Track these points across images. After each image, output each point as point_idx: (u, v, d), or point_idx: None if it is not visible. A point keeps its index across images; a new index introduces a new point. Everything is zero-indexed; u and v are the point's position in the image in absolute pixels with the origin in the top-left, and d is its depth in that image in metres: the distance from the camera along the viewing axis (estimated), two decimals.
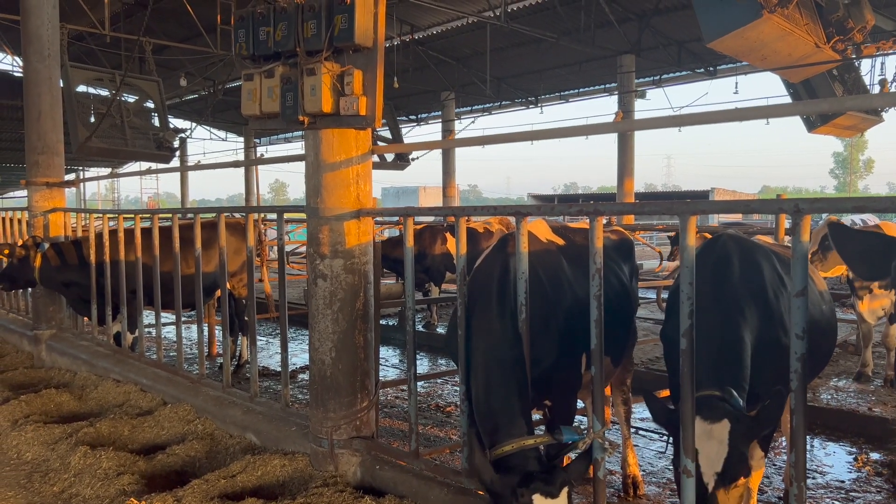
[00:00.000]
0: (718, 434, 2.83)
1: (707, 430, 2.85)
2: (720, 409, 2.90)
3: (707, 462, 2.83)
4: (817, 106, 2.63)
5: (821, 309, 3.77)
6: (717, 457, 2.81)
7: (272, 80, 4.35)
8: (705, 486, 2.83)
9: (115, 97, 11.08)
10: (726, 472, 2.80)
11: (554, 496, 2.87)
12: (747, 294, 3.34)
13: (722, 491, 2.80)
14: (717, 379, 3.07)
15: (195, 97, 29.89)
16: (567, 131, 3.98)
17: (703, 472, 2.83)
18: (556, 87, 26.72)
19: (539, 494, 2.84)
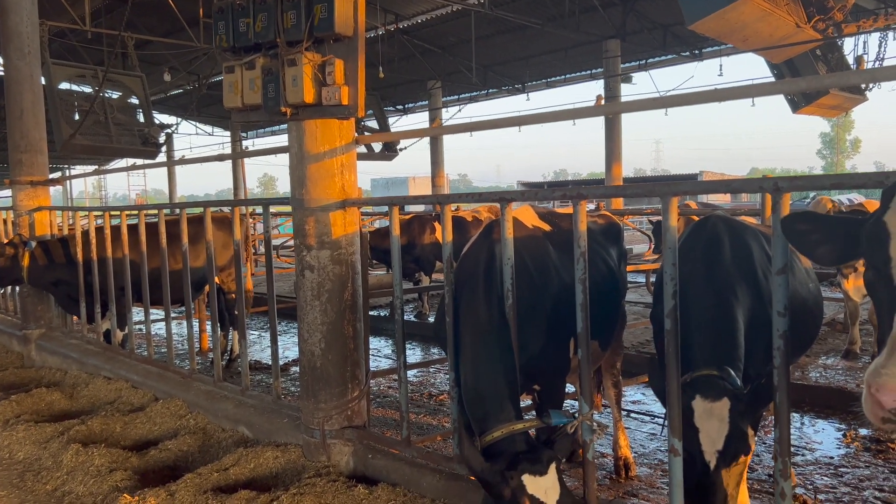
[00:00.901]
0: (719, 412, 2.83)
1: (708, 409, 2.85)
2: (720, 387, 2.91)
3: (708, 440, 2.83)
4: (796, 84, 2.65)
5: (807, 287, 3.79)
6: (719, 435, 2.82)
7: (253, 72, 4.33)
8: (707, 464, 2.83)
9: (99, 94, 10.99)
10: (727, 450, 2.81)
11: (542, 473, 2.89)
12: (738, 274, 3.35)
13: (724, 469, 2.81)
14: (714, 358, 3.07)
15: (180, 92, 29.67)
16: (553, 116, 3.99)
17: (704, 451, 2.83)
18: (542, 73, 26.70)
19: (527, 474, 2.87)
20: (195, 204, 6.27)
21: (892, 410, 1.74)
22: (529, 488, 2.86)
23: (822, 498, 4.55)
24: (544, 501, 2.87)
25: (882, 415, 1.75)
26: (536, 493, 2.86)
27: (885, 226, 1.98)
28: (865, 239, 2.03)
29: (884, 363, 1.78)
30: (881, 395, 1.74)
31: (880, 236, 1.98)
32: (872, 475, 4.90)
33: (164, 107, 31.18)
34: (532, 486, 2.86)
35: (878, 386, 1.75)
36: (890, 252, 1.95)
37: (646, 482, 4.83)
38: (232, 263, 7.81)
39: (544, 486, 2.88)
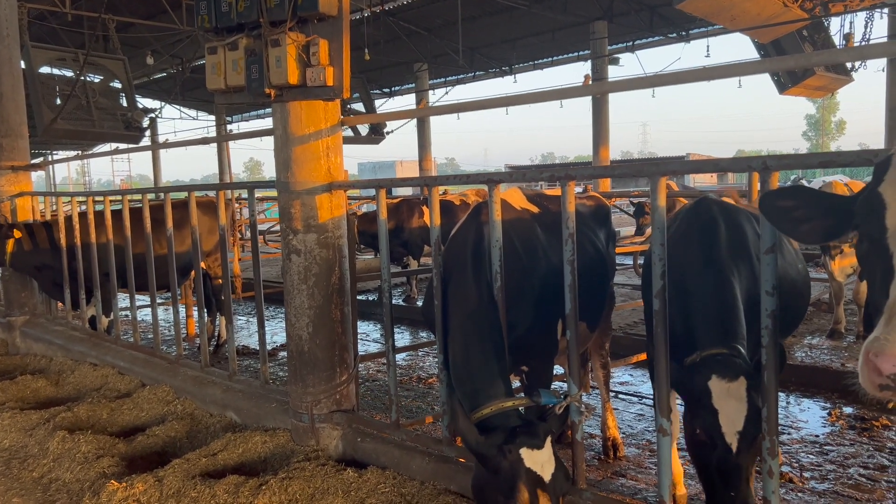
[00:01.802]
0: (737, 392, 2.77)
1: (726, 389, 2.78)
2: (736, 366, 2.85)
3: (728, 422, 2.77)
4: (784, 62, 2.63)
5: (796, 268, 3.78)
6: (738, 415, 2.76)
7: (236, 53, 4.25)
8: (728, 446, 2.76)
9: (80, 77, 10.82)
10: (747, 431, 2.76)
11: (539, 447, 2.88)
12: (735, 256, 3.32)
13: (745, 451, 2.76)
14: (722, 337, 3.01)
15: (163, 75, 29.28)
16: (541, 96, 3.95)
17: (725, 433, 2.76)
18: (529, 55, 26.56)
19: (525, 448, 2.85)
20: (180, 188, 6.20)
21: (890, 376, 1.72)
22: (527, 462, 2.85)
23: (807, 476, 4.59)
24: (541, 475, 2.85)
25: (879, 381, 1.74)
26: (533, 467, 2.84)
27: (880, 196, 1.98)
28: (860, 210, 2.04)
29: (882, 330, 1.77)
30: (880, 361, 1.72)
31: (875, 207, 1.98)
32: (857, 453, 4.96)
33: (148, 91, 30.76)
34: (529, 460, 2.85)
35: (877, 351, 1.73)
36: (886, 222, 1.95)
37: (634, 462, 4.86)
38: (218, 248, 7.74)
39: (541, 461, 2.87)
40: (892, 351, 1.72)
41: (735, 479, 2.77)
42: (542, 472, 2.86)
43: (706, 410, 2.80)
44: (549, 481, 2.87)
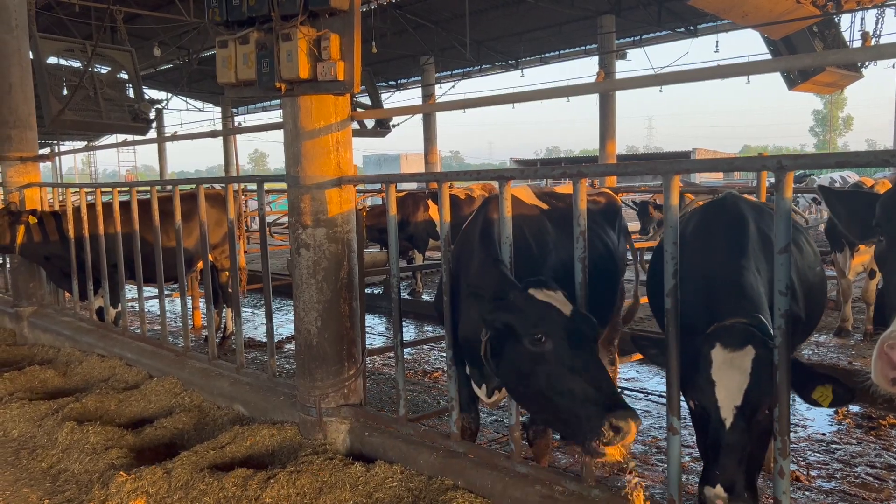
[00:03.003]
0: (740, 363, 2.62)
1: (728, 360, 2.63)
2: (745, 334, 2.69)
3: (725, 395, 2.61)
4: (800, 61, 2.60)
5: (815, 271, 3.68)
6: (738, 388, 2.60)
7: (247, 47, 4.24)
8: (722, 421, 2.61)
9: (88, 68, 10.81)
10: (746, 405, 2.59)
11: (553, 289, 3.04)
12: (760, 250, 3.23)
13: (741, 427, 2.59)
14: (743, 308, 2.88)
15: (170, 67, 29.28)
16: (549, 93, 3.94)
17: (720, 407, 2.61)
18: (536, 49, 26.48)
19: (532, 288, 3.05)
20: (188, 181, 6.20)
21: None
22: (538, 296, 3.00)
23: (814, 474, 4.59)
24: None
25: (893, 375, 1.75)
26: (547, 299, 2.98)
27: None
28: (880, 210, 2.05)
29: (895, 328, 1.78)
30: (894, 354, 1.73)
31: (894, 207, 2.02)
32: (864, 451, 4.95)
33: (154, 82, 30.78)
34: (540, 295, 3.01)
35: (893, 343, 1.74)
36: None
37: (641, 459, 4.87)
38: (225, 241, 7.75)
39: (557, 298, 3.01)
40: None
41: (725, 458, 2.59)
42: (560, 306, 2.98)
43: (704, 380, 2.68)
44: None
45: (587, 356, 2.88)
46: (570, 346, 2.87)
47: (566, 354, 2.85)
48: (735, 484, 2.56)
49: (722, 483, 2.56)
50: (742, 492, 2.56)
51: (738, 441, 2.59)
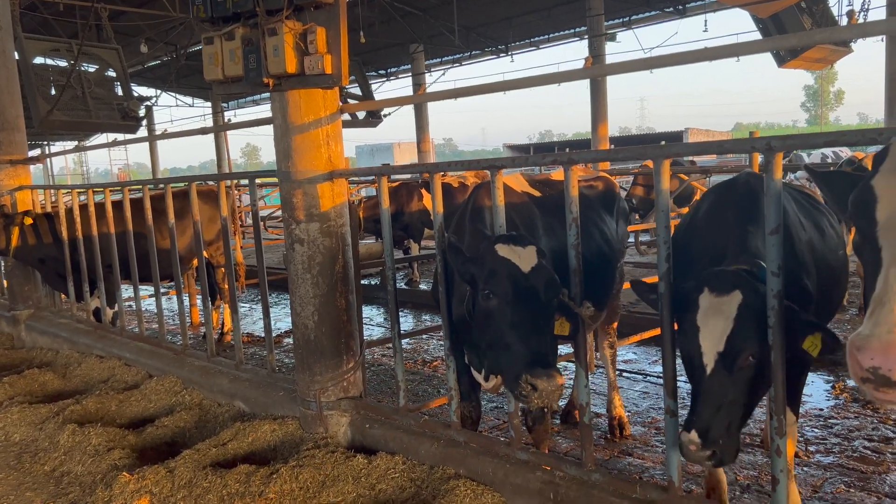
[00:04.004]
0: (726, 308, 2.56)
1: (714, 305, 2.58)
2: (734, 279, 2.62)
3: (709, 340, 2.56)
4: (787, 41, 2.60)
5: (837, 255, 3.56)
6: (721, 334, 2.54)
7: (233, 43, 4.22)
8: (703, 367, 2.56)
9: (75, 67, 10.74)
10: (728, 351, 2.53)
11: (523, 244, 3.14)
12: None
13: (722, 374, 2.53)
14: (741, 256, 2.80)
15: (158, 63, 29.08)
16: (540, 79, 3.93)
17: (703, 353, 2.56)
18: (525, 34, 26.35)
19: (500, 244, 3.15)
20: (180, 179, 6.18)
21: (869, 370, 1.77)
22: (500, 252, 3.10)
23: (812, 449, 4.63)
24: None
25: (861, 374, 1.79)
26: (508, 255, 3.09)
27: (872, 189, 1.99)
28: (853, 204, 2.04)
29: (866, 325, 1.81)
30: (860, 355, 1.78)
31: (868, 200, 1.99)
32: (861, 425, 4.99)
33: (143, 79, 30.57)
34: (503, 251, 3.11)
35: (859, 345, 1.79)
36: (876, 215, 1.96)
37: (640, 440, 4.90)
38: (219, 237, 7.75)
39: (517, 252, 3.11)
40: (871, 345, 1.76)
41: (702, 404, 2.56)
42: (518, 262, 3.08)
43: (689, 325, 2.64)
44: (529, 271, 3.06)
45: (530, 313, 3.01)
46: (513, 303, 3.02)
47: (507, 311, 3.02)
48: (710, 430, 2.51)
49: (697, 429, 2.52)
50: (717, 438, 2.50)
51: (718, 388, 2.54)
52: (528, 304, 3.03)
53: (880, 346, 1.74)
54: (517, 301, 3.03)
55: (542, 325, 3.05)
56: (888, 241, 1.91)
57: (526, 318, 3.01)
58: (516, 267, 3.07)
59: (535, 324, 3.02)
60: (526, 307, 3.03)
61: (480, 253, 3.22)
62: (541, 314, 3.06)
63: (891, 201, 1.94)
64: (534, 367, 2.88)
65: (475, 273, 3.19)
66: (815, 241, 3.30)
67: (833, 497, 3.99)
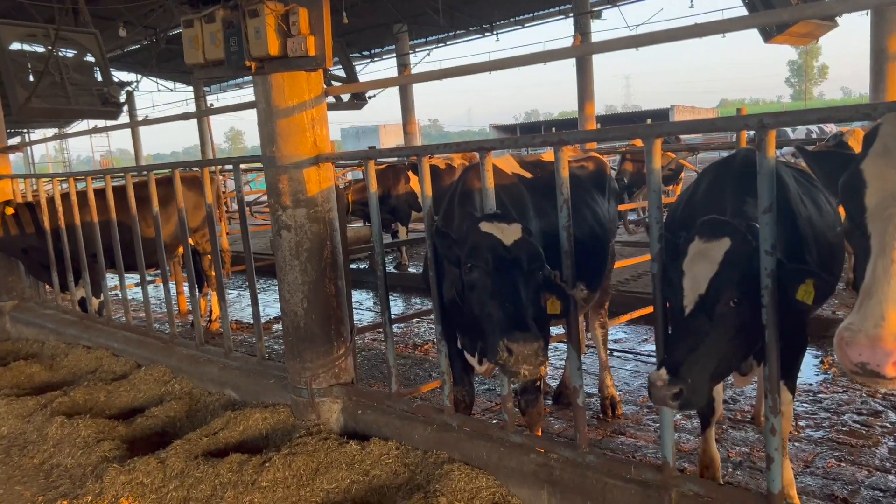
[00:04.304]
0: (712, 253, 2.52)
1: (701, 250, 2.55)
2: (725, 227, 2.58)
3: (691, 283, 2.53)
4: (778, 16, 2.57)
5: (835, 231, 3.52)
6: (704, 277, 2.50)
7: (213, 25, 4.13)
8: (683, 309, 2.53)
9: (52, 53, 10.53)
10: (709, 294, 2.49)
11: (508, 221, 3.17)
12: None
13: (700, 316, 2.49)
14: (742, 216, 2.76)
15: (137, 47, 28.56)
16: (526, 59, 3.87)
17: (685, 296, 2.53)
18: (510, 12, 26.10)
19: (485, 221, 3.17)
20: (163, 166, 6.08)
21: (857, 364, 1.75)
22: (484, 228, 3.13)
23: (802, 424, 4.66)
24: None
25: (850, 367, 1.78)
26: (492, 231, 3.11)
27: (861, 174, 1.95)
28: (842, 188, 2.00)
29: (854, 317, 1.78)
30: (848, 350, 1.76)
31: (856, 185, 1.95)
32: (850, 399, 5.03)
33: (122, 63, 30.06)
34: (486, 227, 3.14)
35: (847, 340, 1.76)
36: (865, 201, 1.92)
37: (632, 420, 4.91)
38: (205, 224, 7.66)
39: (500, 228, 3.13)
40: (859, 341, 1.74)
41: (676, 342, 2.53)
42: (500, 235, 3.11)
43: (675, 272, 2.60)
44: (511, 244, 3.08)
45: (511, 283, 3.03)
46: (494, 273, 3.04)
47: (488, 281, 3.05)
48: (680, 368, 2.42)
49: (667, 365, 2.45)
50: (686, 376, 2.41)
51: (694, 328, 2.49)
52: (508, 275, 3.05)
53: (868, 342, 1.72)
54: (497, 271, 3.05)
55: (523, 294, 3.04)
56: (877, 229, 1.87)
57: (506, 288, 3.02)
58: (498, 240, 3.09)
59: (516, 293, 3.02)
60: (506, 277, 3.05)
61: (465, 232, 3.23)
62: (522, 284, 3.06)
63: (880, 187, 1.89)
64: (511, 331, 2.89)
65: (459, 252, 3.22)
66: (814, 218, 3.27)
67: (824, 471, 4.02)
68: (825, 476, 3.96)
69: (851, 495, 3.72)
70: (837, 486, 3.83)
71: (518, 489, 3.46)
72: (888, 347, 1.69)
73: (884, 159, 1.90)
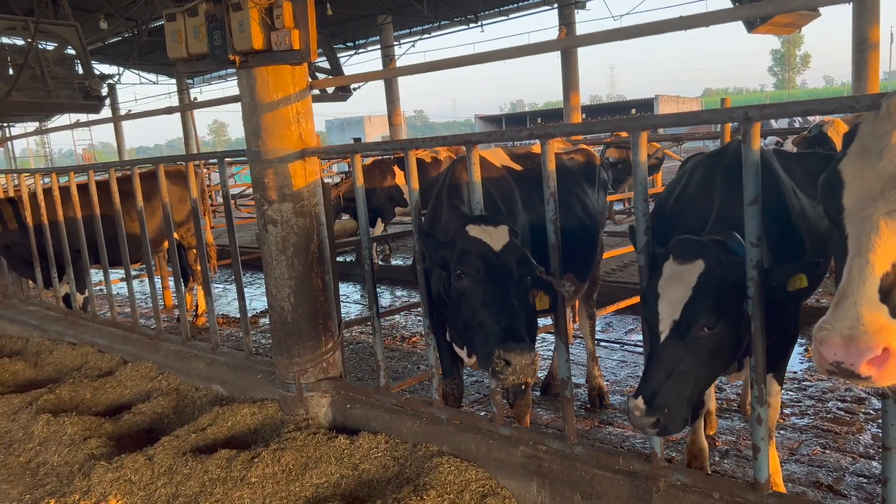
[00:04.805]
0: (687, 276, 2.49)
1: (676, 272, 2.52)
2: (699, 248, 2.54)
3: (666, 308, 2.50)
4: (762, 8, 2.59)
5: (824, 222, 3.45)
6: (679, 301, 2.47)
7: (196, 19, 4.09)
8: (658, 335, 2.50)
9: (32, 46, 10.39)
10: (684, 319, 2.44)
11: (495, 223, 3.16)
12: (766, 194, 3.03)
13: (675, 342, 2.45)
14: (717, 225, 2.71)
15: (119, 40, 28.23)
16: (512, 52, 3.86)
17: (660, 320, 2.50)
18: (495, 3, 26.03)
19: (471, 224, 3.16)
20: (147, 160, 6.03)
21: (833, 363, 1.76)
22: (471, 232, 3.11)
23: (787, 412, 4.71)
24: None
25: (826, 367, 1.78)
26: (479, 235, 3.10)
27: (839, 174, 1.94)
28: (821, 188, 1.99)
29: (829, 316, 1.79)
30: (823, 350, 1.76)
31: (835, 185, 1.94)
32: (834, 387, 5.08)
33: (104, 56, 29.70)
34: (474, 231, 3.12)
35: (822, 339, 1.77)
36: (843, 201, 1.91)
37: (620, 410, 4.94)
38: (190, 218, 7.61)
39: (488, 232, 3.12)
40: (833, 340, 1.74)
41: (652, 370, 2.49)
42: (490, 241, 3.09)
43: (650, 292, 2.59)
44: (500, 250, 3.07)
45: (503, 291, 3.02)
46: (486, 282, 3.03)
47: (480, 289, 3.03)
48: (656, 397, 2.42)
49: (643, 394, 2.44)
50: (662, 406, 2.42)
51: (669, 356, 2.47)
52: (500, 282, 3.03)
53: (842, 342, 1.73)
54: (489, 279, 3.03)
55: (515, 302, 3.03)
56: (853, 229, 1.87)
57: (498, 297, 3.00)
58: (487, 246, 3.07)
59: (508, 302, 3.01)
60: (498, 285, 3.03)
61: (452, 236, 3.21)
62: (514, 292, 3.05)
63: (857, 187, 1.88)
64: (507, 342, 2.88)
65: (447, 256, 3.18)
66: (806, 209, 3.29)
67: (809, 459, 4.07)
68: (810, 463, 4.01)
69: (836, 482, 3.77)
70: (822, 473, 3.88)
71: (507, 481, 3.48)
72: (862, 346, 1.70)
73: (862, 159, 1.89)
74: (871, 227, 1.80)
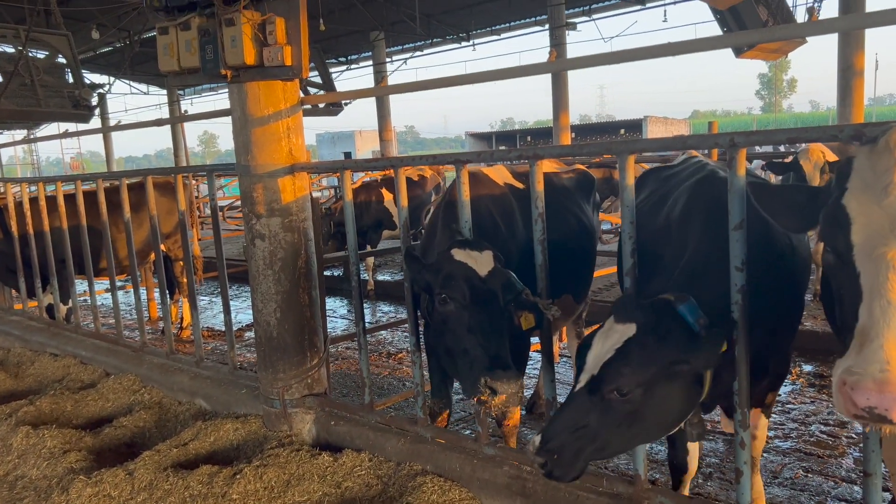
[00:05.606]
0: (615, 337, 2.43)
1: (608, 329, 2.48)
2: (634, 311, 2.48)
3: (590, 359, 2.45)
4: (749, 37, 2.63)
5: (803, 242, 3.47)
6: (600, 359, 2.41)
7: (189, 33, 4.10)
8: (576, 383, 2.46)
9: (22, 54, 10.36)
10: (601, 378, 2.38)
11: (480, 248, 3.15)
12: None
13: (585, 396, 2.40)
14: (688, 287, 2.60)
15: (110, 49, 28.21)
16: (504, 73, 3.87)
17: (582, 370, 2.47)
18: (487, 22, 26.25)
19: (457, 248, 3.15)
20: (136, 172, 6.01)
21: (865, 409, 1.70)
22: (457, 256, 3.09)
23: (770, 434, 4.73)
24: None
25: (855, 412, 1.72)
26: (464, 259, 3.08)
27: (844, 209, 1.91)
28: (825, 222, 1.97)
29: (854, 361, 1.74)
30: (855, 395, 1.70)
31: (841, 221, 1.91)
32: (817, 410, 5.12)
33: (95, 65, 29.65)
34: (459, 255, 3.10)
35: (853, 384, 1.70)
36: (852, 238, 1.88)
37: None
38: (177, 230, 7.58)
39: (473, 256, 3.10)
40: (866, 385, 1.70)
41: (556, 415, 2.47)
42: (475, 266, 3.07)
43: (587, 340, 2.55)
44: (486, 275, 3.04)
45: (487, 317, 2.99)
46: (470, 308, 3.00)
47: (465, 315, 3.01)
48: (550, 442, 2.38)
49: (543, 433, 2.41)
50: (553, 451, 2.37)
51: (576, 407, 2.41)
52: (485, 308, 3.01)
53: (875, 386, 1.68)
54: (474, 305, 3.00)
55: (500, 328, 3.01)
56: (868, 269, 1.83)
57: (484, 323, 2.98)
58: (473, 270, 3.05)
59: (494, 328, 2.99)
60: (483, 311, 3.00)
61: (436, 260, 3.20)
62: (499, 318, 3.04)
63: (865, 223, 1.86)
64: (493, 370, 2.85)
65: (430, 280, 3.15)
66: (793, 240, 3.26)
67: (792, 482, 4.08)
68: (793, 487, 4.03)
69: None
70: (805, 497, 3.89)
71: (491, 501, 3.46)
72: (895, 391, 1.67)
73: (866, 195, 1.87)
74: (889, 266, 1.78)
